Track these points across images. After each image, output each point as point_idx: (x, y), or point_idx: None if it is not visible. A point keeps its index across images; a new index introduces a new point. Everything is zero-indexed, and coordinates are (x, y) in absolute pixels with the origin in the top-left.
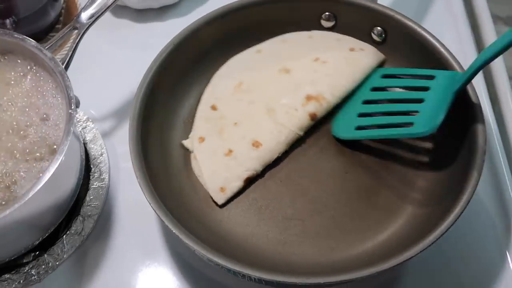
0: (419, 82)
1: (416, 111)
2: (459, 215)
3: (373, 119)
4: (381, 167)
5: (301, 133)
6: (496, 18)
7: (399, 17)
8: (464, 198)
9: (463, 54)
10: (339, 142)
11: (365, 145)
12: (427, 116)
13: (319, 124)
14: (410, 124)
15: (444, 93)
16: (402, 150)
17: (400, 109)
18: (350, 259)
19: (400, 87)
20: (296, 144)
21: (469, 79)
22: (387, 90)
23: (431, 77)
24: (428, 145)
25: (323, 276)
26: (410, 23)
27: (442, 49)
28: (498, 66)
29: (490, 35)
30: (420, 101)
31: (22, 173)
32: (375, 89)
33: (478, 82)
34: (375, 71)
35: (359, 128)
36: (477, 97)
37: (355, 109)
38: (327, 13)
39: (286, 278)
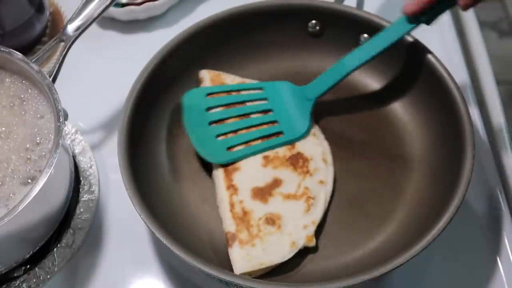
0: (254, 95)
1: (275, 121)
2: (449, 221)
3: (243, 136)
4: (371, 175)
5: None
6: (482, 23)
7: (385, 24)
8: (454, 204)
9: (449, 59)
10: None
11: (354, 153)
12: (293, 124)
13: None
14: (279, 133)
15: (298, 101)
16: (391, 158)
17: (260, 121)
18: (342, 267)
19: (232, 104)
20: None
21: (325, 90)
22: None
23: (260, 89)
24: (416, 151)
25: (315, 284)
26: None
27: (428, 55)
28: (485, 71)
29: (477, 40)
30: (268, 111)
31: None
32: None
33: (466, 87)
34: (194, 93)
35: (230, 147)
36: (465, 102)
37: (209, 131)
38: (313, 21)
39: (278, 286)
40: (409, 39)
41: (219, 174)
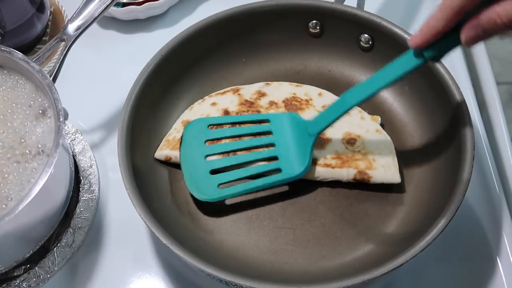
0: (258, 128)
1: (275, 157)
2: (449, 221)
3: (237, 173)
4: None
5: None
6: None
7: (385, 24)
8: (453, 204)
9: (450, 60)
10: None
11: None
12: (293, 161)
13: None
14: (277, 170)
15: (301, 136)
16: None
17: (257, 157)
18: (342, 267)
19: (236, 136)
20: None
21: (327, 125)
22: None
23: (266, 121)
24: (416, 152)
25: (315, 284)
26: (397, 30)
27: None
28: (485, 71)
29: None
30: (271, 145)
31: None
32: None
33: (466, 87)
34: (195, 123)
35: (222, 184)
36: (465, 102)
37: (204, 166)
38: (314, 21)
39: (278, 287)
40: None
41: None
